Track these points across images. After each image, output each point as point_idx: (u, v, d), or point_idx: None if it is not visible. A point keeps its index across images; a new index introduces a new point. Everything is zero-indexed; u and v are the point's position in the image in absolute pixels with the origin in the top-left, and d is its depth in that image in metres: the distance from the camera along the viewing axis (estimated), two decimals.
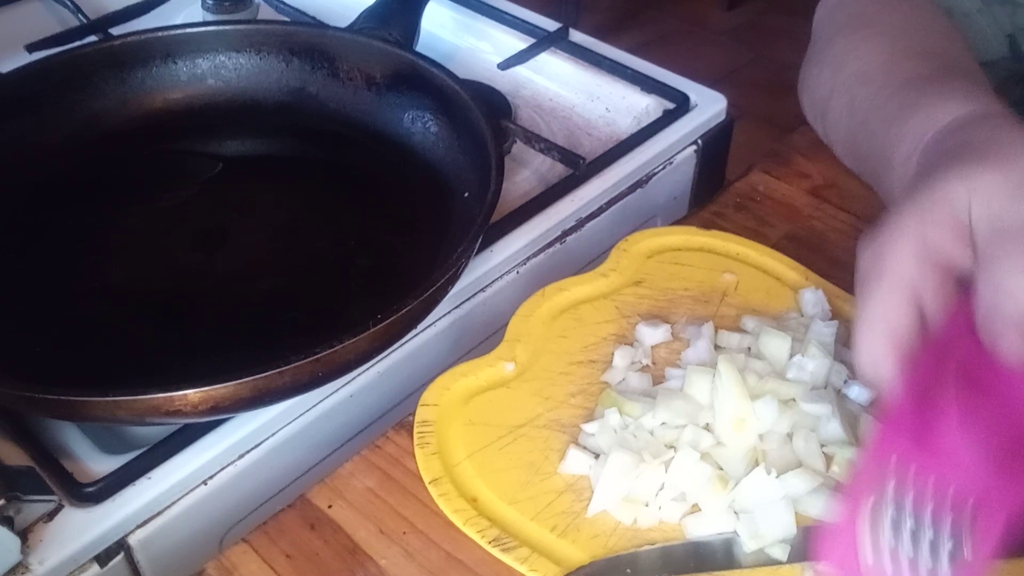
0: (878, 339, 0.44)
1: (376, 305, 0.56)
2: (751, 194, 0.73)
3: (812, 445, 0.52)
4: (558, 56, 0.90)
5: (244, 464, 0.60)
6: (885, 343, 0.44)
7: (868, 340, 0.45)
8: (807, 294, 0.61)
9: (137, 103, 0.79)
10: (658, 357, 0.59)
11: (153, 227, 0.72)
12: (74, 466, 0.58)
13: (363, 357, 0.59)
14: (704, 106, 0.83)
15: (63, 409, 0.55)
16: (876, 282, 0.45)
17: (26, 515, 0.55)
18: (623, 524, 0.51)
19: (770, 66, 2.54)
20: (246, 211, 0.74)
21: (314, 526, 0.53)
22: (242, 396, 0.54)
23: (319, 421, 0.62)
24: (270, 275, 0.68)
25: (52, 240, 0.71)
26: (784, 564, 0.49)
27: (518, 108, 0.87)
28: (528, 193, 0.77)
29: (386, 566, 0.51)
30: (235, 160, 0.79)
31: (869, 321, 0.45)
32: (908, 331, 0.44)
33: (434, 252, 0.67)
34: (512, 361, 0.58)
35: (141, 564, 0.57)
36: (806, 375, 0.55)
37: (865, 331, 0.45)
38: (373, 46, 0.78)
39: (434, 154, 0.74)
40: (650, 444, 0.52)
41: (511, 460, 0.54)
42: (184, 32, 0.80)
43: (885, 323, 0.44)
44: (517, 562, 0.49)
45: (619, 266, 0.64)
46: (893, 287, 0.44)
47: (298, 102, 0.80)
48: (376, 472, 0.55)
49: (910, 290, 0.44)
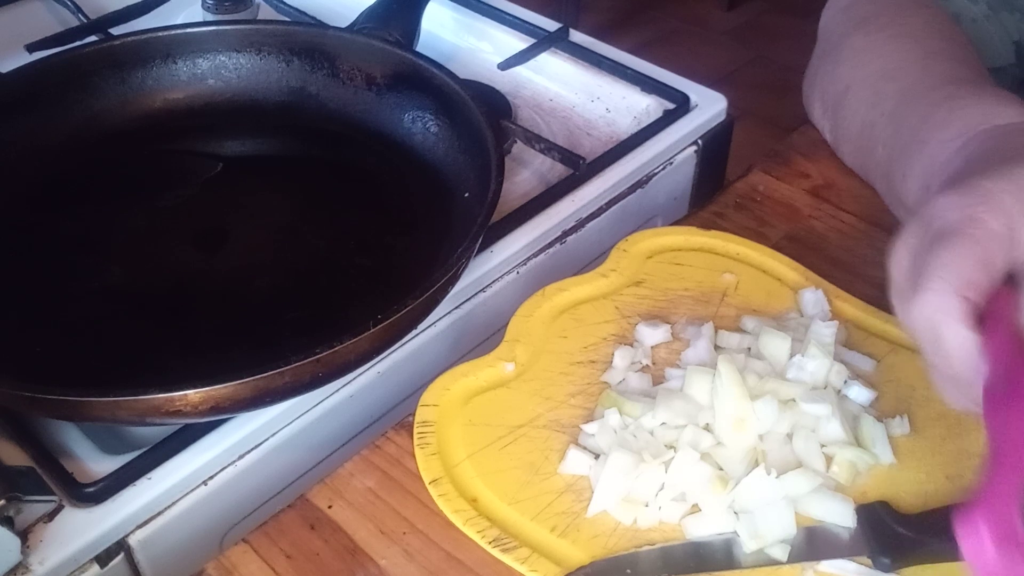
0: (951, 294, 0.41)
1: (376, 305, 0.56)
2: (751, 194, 0.73)
3: (812, 445, 0.52)
4: (558, 56, 0.90)
5: (244, 464, 0.60)
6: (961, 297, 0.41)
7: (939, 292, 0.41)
8: (807, 294, 0.61)
9: (137, 103, 0.79)
10: (658, 357, 0.59)
11: (153, 227, 0.72)
12: (74, 466, 0.58)
13: (363, 357, 0.59)
14: (704, 106, 0.83)
15: (63, 409, 0.55)
16: (959, 236, 0.42)
17: (26, 515, 0.55)
18: (623, 524, 0.51)
19: (770, 66, 2.54)
20: (246, 211, 0.74)
21: (314, 526, 0.53)
22: (242, 396, 0.54)
23: (319, 421, 0.62)
24: (270, 275, 0.68)
25: (52, 240, 0.71)
26: (784, 564, 0.49)
27: (518, 108, 0.87)
28: (528, 193, 0.77)
29: (386, 566, 0.51)
30: (235, 160, 0.79)
31: (944, 274, 0.41)
32: (983, 293, 0.42)
33: (434, 252, 0.67)
34: (512, 361, 0.58)
35: (141, 564, 0.57)
36: (806, 375, 0.55)
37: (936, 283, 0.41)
38: (373, 46, 0.78)
39: (434, 154, 0.74)
40: (650, 444, 0.52)
41: (511, 460, 0.54)
42: (184, 32, 0.80)
43: (961, 276, 0.41)
44: (517, 562, 0.49)
45: (619, 266, 0.64)
46: (977, 241, 0.42)
47: (298, 102, 0.80)
48: (376, 472, 0.55)
49: (989, 253, 0.42)
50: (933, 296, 0.42)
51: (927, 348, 0.44)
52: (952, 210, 0.44)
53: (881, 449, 0.53)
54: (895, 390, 0.56)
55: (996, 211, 0.43)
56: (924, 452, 0.53)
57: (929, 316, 0.43)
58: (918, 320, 0.43)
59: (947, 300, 0.42)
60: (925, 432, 0.54)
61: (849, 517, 0.50)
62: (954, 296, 0.42)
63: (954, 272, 0.42)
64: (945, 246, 0.43)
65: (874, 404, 0.55)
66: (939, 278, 0.42)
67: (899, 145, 0.59)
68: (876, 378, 0.57)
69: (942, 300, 0.42)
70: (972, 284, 0.42)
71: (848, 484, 0.52)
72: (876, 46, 0.66)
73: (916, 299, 0.43)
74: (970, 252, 0.42)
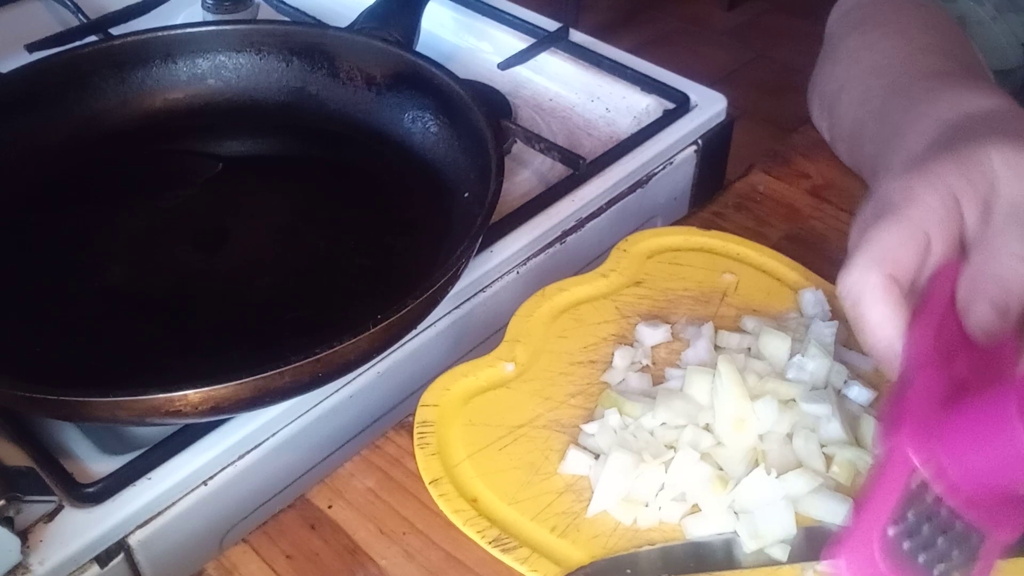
0: (873, 269, 0.42)
1: (376, 305, 0.56)
2: (751, 194, 0.73)
3: (812, 445, 0.52)
4: (558, 56, 0.90)
5: (244, 464, 0.60)
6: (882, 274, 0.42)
7: (862, 267, 0.42)
8: (807, 294, 0.61)
9: (137, 103, 0.79)
10: (658, 357, 0.59)
11: (153, 227, 0.72)
12: (74, 466, 0.58)
13: (363, 357, 0.59)
14: (704, 106, 0.83)
15: (63, 409, 0.55)
16: (891, 214, 0.43)
17: (26, 515, 0.55)
18: (623, 524, 0.51)
19: (770, 66, 2.54)
20: (246, 211, 0.74)
21: (314, 526, 0.53)
22: (242, 396, 0.54)
23: (319, 421, 0.62)
24: (270, 275, 0.68)
25: (52, 240, 0.71)
26: (784, 564, 0.49)
27: (518, 108, 0.87)
28: (528, 193, 0.77)
29: (386, 566, 0.51)
30: (235, 160, 0.79)
31: (869, 250, 0.42)
32: (909, 270, 0.42)
33: (434, 252, 0.67)
34: (512, 361, 0.58)
35: (141, 564, 0.57)
36: (806, 375, 0.55)
37: (861, 258, 0.42)
38: (373, 46, 0.78)
39: (434, 154, 0.74)
40: (650, 444, 0.52)
41: (511, 460, 0.54)
42: (184, 32, 0.80)
43: (885, 253, 0.42)
44: (517, 562, 0.49)
45: (619, 266, 0.64)
46: (908, 218, 0.42)
47: (298, 102, 0.80)
48: (376, 472, 0.55)
49: (922, 230, 0.43)
50: (856, 272, 0.43)
51: (851, 323, 0.45)
52: (895, 190, 0.45)
53: None
54: None
55: (936, 187, 0.44)
56: None
57: (850, 290, 0.43)
58: (842, 294, 0.44)
59: (868, 276, 0.43)
60: None
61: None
62: (876, 273, 0.42)
63: (879, 248, 0.43)
64: (876, 224, 0.44)
65: (874, 404, 0.55)
66: (864, 254, 0.43)
67: (882, 140, 0.59)
68: (876, 378, 0.57)
69: (863, 276, 0.43)
70: (898, 262, 0.42)
71: (848, 484, 0.52)
72: (868, 44, 0.66)
73: (841, 274, 0.44)
74: (898, 229, 0.43)
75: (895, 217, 0.43)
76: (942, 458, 0.39)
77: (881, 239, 0.43)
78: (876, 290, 0.43)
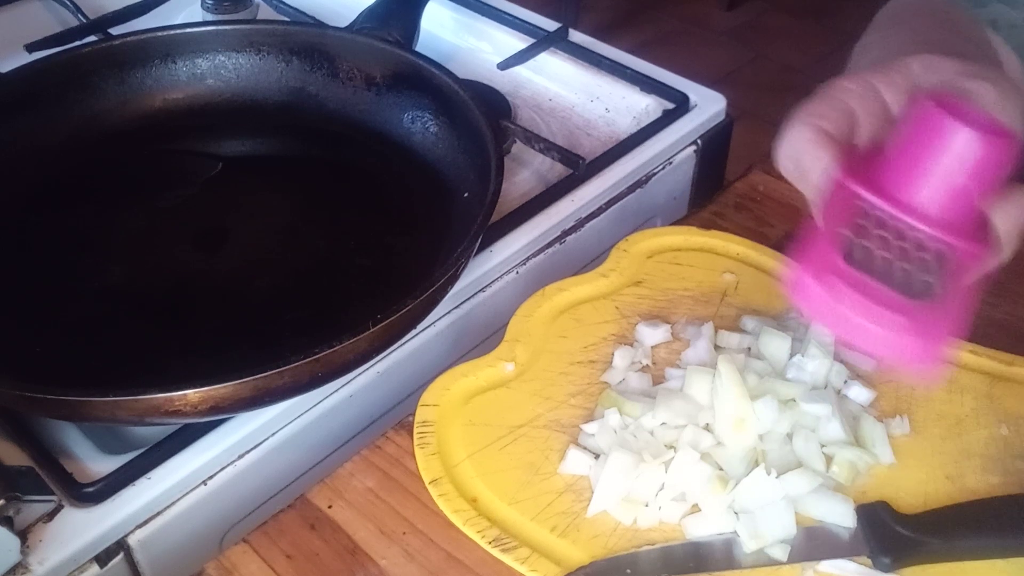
0: (807, 124, 0.46)
1: (376, 305, 0.56)
2: (751, 194, 0.73)
3: (812, 445, 0.52)
4: (558, 56, 0.90)
5: (244, 464, 0.60)
6: (814, 127, 0.46)
7: (797, 125, 0.46)
8: None
9: (137, 103, 0.79)
10: (658, 357, 0.59)
11: (153, 227, 0.72)
12: (74, 466, 0.58)
13: (363, 357, 0.59)
14: (704, 106, 0.83)
15: (63, 409, 0.55)
16: (816, 96, 0.47)
17: (26, 515, 0.55)
18: (623, 524, 0.51)
19: (770, 66, 2.53)
20: (246, 211, 0.74)
21: (314, 526, 0.53)
22: (242, 396, 0.54)
23: (319, 421, 0.62)
24: (270, 275, 0.68)
25: (52, 240, 0.71)
26: (784, 564, 0.49)
27: (518, 108, 0.87)
28: (528, 193, 0.77)
29: (386, 566, 0.51)
30: (235, 160, 0.79)
31: (799, 115, 0.46)
32: (839, 129, 0.46)
33: (434, 252, 0.67)
34: (512, 361, 0.58)
35: (141, 564, 0.57)
36: (806, 375, 0.55)
37: (794, 122, 0.46)
38: (373, 46, 0.78)
39: (434, 154, 0.74)
40: (650, 444, 0.52)
41: (511, 460, 0.54)
42: (184, 32, 0.80)
43: (814, 114, 0.46)
44: (517, 562, 0.49)
45: (619, 266, 0.64)
46: (831, 97, 0.47)
47: (298, 102, 0.80)
48: (376, 472, 0.55)
49: (843, 102, 0.47)
50: (792, 130, 0.47)
51: (793, 180, 0.48)
52: (820, 87, 0.49)
53: (881, 449, 0.53)
54: (895, 390, 0.56)
55: (856, 79, 0.48)
56: (924, 452, 0.54)
57: (789, 143, 0.47)
58: (781, 155, 0.47)
59: (803, 131, 0.46)
60: (925, 432, 0.54)
61: (849, 517, 0.50)
62: (810, 128, 0.46)
63: (808, 113, 0.47)
64: (804, 103, 0.48)
65: (874, 404, 0.55)
66: (796, 118, 0.47)
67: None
68: (876, 378, 0.57)
69: (799, 132, 0.47)
70: (825, 117, 0.46)
71: (848, 484, 0.52)
72: (878, 41, 0.66)
73: (777, 141, 0.47)
74: (824, 97, 0.47)
75: (819, 95, 0.48)
76: (882, 183, 0.43)
77: (809, 107, 0.47)
78: (811, 134, 0.46)
